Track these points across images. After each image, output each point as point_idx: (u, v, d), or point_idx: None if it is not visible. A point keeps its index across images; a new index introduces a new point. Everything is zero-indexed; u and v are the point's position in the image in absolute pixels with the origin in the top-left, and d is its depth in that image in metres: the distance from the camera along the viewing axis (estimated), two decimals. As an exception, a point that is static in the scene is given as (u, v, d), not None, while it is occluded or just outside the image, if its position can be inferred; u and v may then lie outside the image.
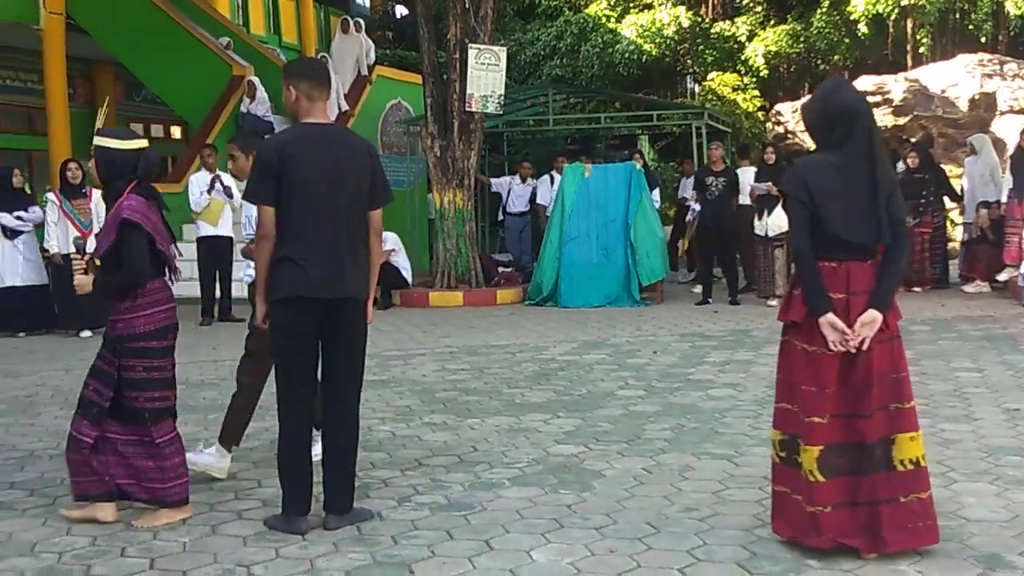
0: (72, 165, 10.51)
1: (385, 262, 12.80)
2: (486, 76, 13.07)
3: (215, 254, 11.36)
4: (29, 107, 17.54)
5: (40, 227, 10.80)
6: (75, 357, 9.12)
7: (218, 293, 11.46)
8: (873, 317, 3.62)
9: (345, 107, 15.29)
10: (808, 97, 4.09)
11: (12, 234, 10.62)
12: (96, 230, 10.31)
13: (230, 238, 11.52)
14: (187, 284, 12.59)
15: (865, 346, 3.63)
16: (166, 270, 4.48)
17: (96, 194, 10.63)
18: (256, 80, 15.55)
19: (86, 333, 10.42)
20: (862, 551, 3.62)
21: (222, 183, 11.28)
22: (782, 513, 3.82)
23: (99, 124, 4.55)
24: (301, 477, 4.19)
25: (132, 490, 4.32)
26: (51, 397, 7.27)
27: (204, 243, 11.45)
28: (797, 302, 3.75)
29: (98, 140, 4.39)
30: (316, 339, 4.21)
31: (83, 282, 4.40)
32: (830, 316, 3.62)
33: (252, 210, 5.01)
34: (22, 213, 10.64)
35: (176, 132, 21.19)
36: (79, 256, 4.54)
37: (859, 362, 3.66)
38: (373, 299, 4.39)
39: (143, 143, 4.47)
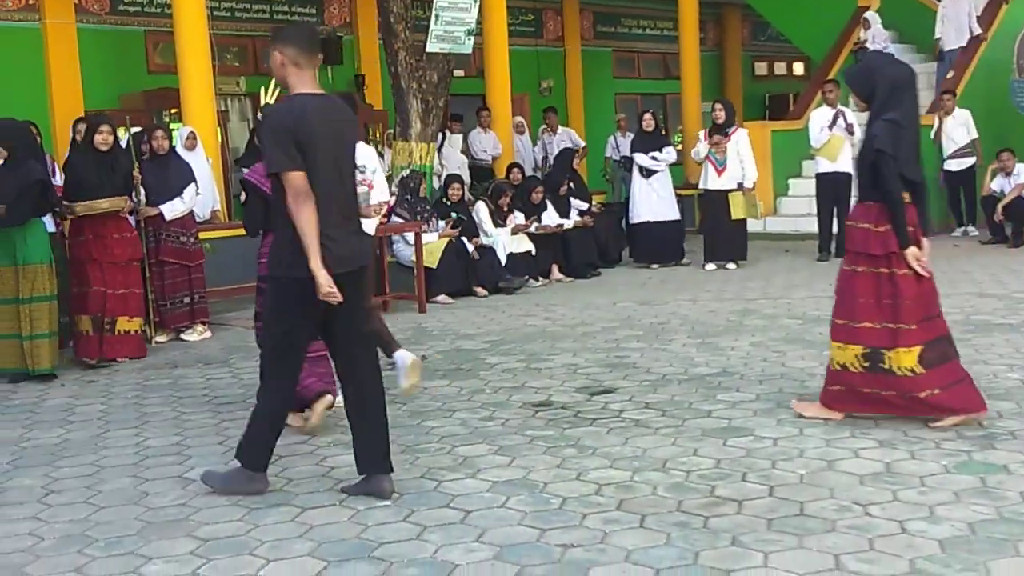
0: (718, 106, 11.03)
1: (1018, 197, 11.78)
2: None
3: (833, 190, 11.31)
4: (664, 53, 18.79)
5: (672, 166, 11.62)
6: (701, 288, 9.71)
7: (835, 228, 11.41)
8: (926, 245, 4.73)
9: (977, 31, 14.23)
10: (858, 69, 5.11)
11: (647, 173, 11.51)
12: (730, 168, 10.79)
13: (848, 174, 11.35)
14: (805, 220, 12.76)
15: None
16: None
17: (740, 133, 11.01)
18: (872, 14, 15.03)
19: (711, 266, 11.01)
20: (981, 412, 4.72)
21: (845, 119, 11.20)
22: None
23: (267, 100, 5.01)
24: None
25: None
26: (680, 325, 7.83)
27: (823, 179, 11.46)
28: (890, 237, 4.64)
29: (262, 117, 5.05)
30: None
31: None
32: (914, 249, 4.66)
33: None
34: (656, 154, 11.46)
35: (798, 68, 21.32)
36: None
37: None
38: None
39: None
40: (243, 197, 5.32)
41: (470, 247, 10.10)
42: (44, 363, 6.76)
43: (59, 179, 7.78)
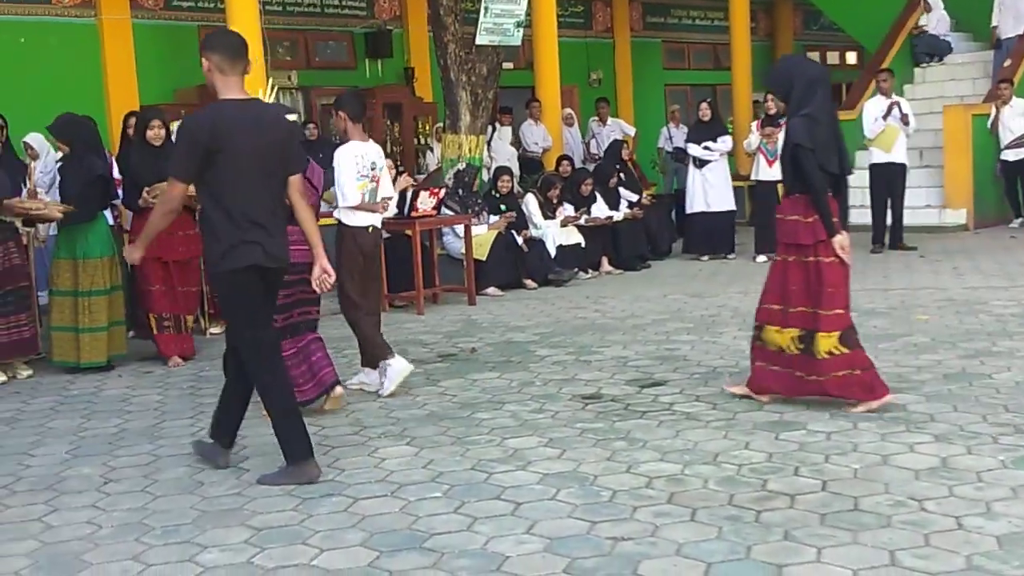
0: (770, 97, 10.91)
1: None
2: None
3: (887, 181, 11.18)
4: (714, 44, 18.64)
5: (729, 155, 11.58)
6: (752, 281, 9.60)
7: (889, 220, 11.28)
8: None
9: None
10: (776, 70, 5.50)
11: (701, 164, 11.44)
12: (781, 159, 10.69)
13: (903, 165, 11.27)
14: (858, 211, 12.58)
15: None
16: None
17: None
18: (935, -1, 14.80)
19: (761, 258, 10.90)
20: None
21: (900, 109, 11.05)
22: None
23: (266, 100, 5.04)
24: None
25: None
26: (731, 318, 7.78)
27: (876, 169, 11.32)
28: (818, 226, 4.88)
29: None
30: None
31: None
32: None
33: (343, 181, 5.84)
34: (710, 143, 11.37)
35: (851, 58, 21.03)
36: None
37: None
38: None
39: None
40: None
41: (519, 239, 10.11)
42: (99, 356, 6.86)
43: (117, 173, 7.87)
